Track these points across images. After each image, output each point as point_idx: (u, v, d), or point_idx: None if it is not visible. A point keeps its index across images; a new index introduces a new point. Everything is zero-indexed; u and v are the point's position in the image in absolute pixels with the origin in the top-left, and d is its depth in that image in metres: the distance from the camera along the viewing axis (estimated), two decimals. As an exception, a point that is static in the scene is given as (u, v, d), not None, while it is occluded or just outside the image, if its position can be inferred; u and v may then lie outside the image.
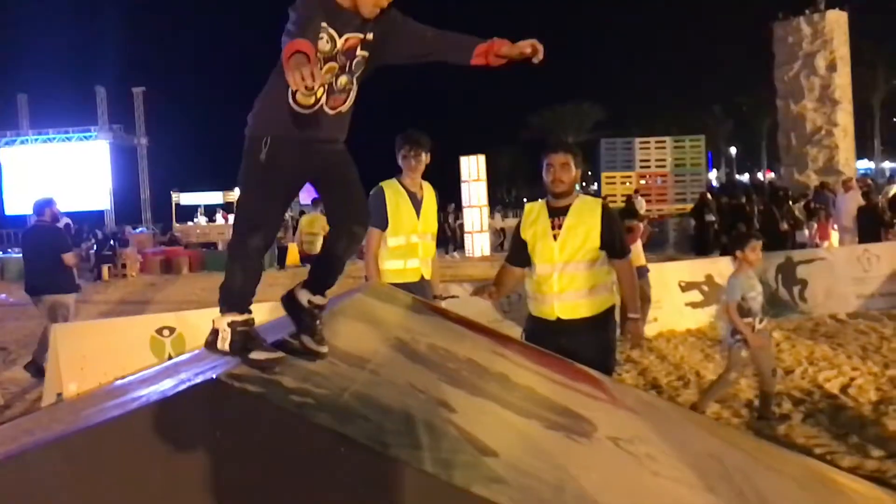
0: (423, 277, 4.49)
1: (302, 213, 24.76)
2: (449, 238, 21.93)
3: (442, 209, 22.15)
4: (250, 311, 2.29)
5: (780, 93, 22.14)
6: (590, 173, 48.03)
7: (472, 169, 22.35)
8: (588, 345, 3.69)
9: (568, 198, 3.80)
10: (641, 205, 19.14)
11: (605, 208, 3.85)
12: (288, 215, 31.56)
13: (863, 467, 4.49)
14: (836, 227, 13.28)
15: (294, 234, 21.75)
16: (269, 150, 2.26)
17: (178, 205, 38.37)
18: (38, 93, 39.34)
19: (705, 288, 9.22)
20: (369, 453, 1.90)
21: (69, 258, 7.83)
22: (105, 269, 19.80)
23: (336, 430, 1.92)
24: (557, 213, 3.79)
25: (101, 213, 35.52)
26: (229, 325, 2.24)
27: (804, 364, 6.91)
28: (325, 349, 2.31)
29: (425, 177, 4.69)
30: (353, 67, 2.29)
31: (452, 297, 8.01)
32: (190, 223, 34.29)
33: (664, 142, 22.44)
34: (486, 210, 22.33)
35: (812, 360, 7.04)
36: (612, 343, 3.93)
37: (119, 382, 3.10)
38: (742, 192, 20.03)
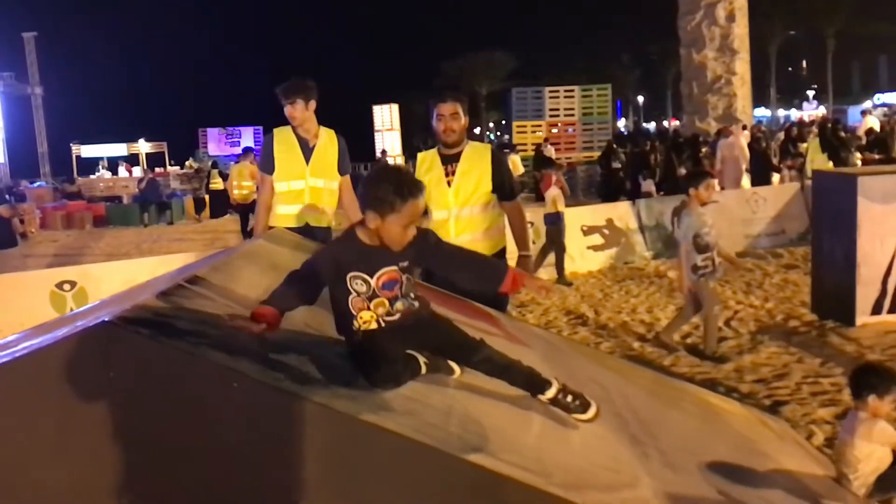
0: (307, 224, 4.39)
1: (214, 164, 24.20)
2: None
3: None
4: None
5: (684, 42, 22.76)
6: (503, 122, 48.40)
7: (385, 118, 22.27)
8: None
9: (459, 145, 3.92)
10: (551, 153, 19.55)
11: (494, 153, 4.00)
12: (197, 165, 30.68)
13: (738, 390, 4.92)
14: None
15: (208, 185, 21.30)
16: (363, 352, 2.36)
17: (79, 157, 36.63)
18: (-86, 37, 36.33)
19: (606, 231, 9.63)
20: (261, 387, 2.01)
21: (3, 210, 7.63)
22: (0, 225, 18.82)
23: (229, 366, 2.01)
24: (450, 161, 3.92)
25: (-8, 167, 33.51)
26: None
27: (694, 300, 7.37)
28: (591, 412, 2.50)
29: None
30: (402, 292, 2.35)
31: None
32: (93, 176, 32.85)
33: (573, 91, 22.79)
34: (400, 160, 22.31)
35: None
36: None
37: (14, 336, 3.08)
38: (646, 139, 20.71)
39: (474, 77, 56.89)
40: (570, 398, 2.50)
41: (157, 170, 32.11)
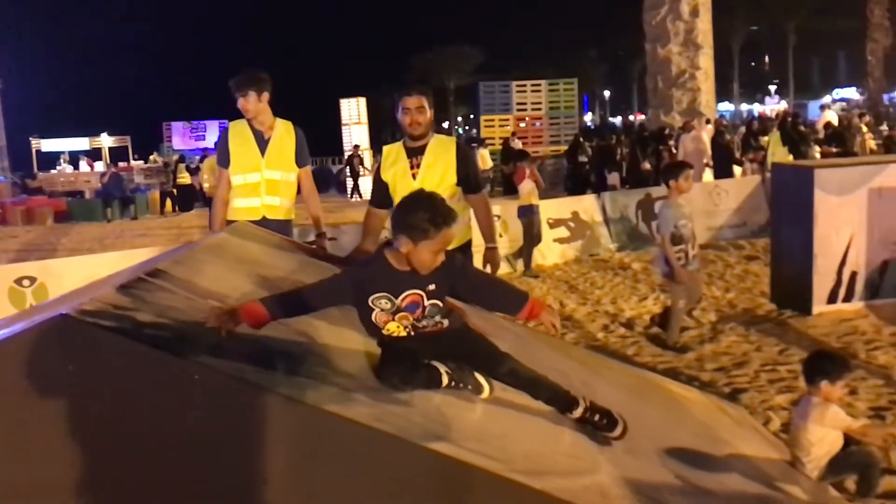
0: (264, 217, 4.39)
1: (181, 157, 23.92)
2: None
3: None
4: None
5: (649, 37, 22.96)
6: (472, 116, 48.42)
7: (353, 112, 22.08)
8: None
9: (424, 138, 3.93)
10: (518, 146, 19.62)
11: (459, 146, 4.01)
12: (161, 160, 30.24)
13: (699, 379, 5.02)
14: None
15: (174, 181, 21.08)
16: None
17: (38, 151, 35.86)
18: None
19: (572, 224, 9.72)
20: (223, 378, 2.02)
21: None
22: (-42, 221, 18.40)
23: (191, 358, 2.02)
24: (415, 153, 3.93)
25: (-52, 162, 32.61)
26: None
27: (657, 291, 7.50)
28: (618, 430, 2.58)
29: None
30: (426, 314, 2.46)
31: (331, 238, 8.08)
32: (53, 171, 32.21)
33: (540, 85, 22.82)
34: (368, 154, 22.19)
35: (665, 288, 7.64)
36: None
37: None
38: (612, 133, 20.92)
39: (443, 71, 56.84)
40: (597, 417, 2.58)
41: (121, 164, 31.58)
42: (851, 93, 51.43)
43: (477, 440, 2.26)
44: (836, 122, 17.35)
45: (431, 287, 2.44)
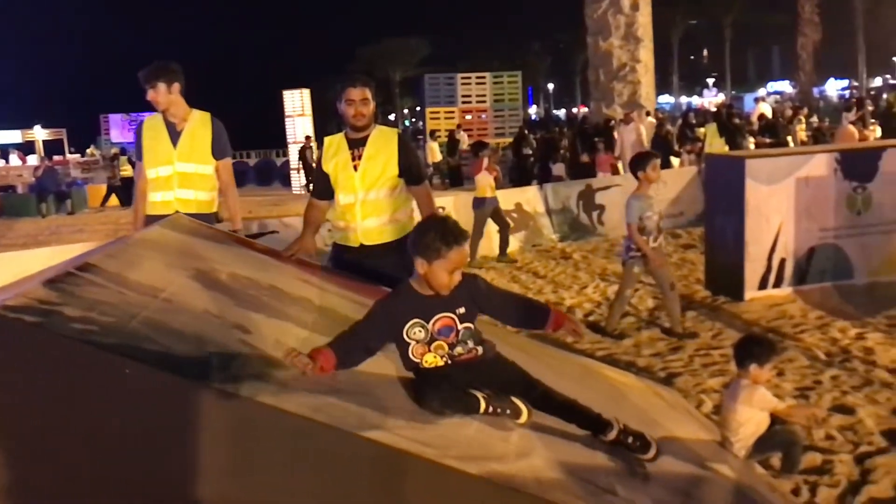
0: (178, 212, 4.27)
1: (123, 150, 23.30)
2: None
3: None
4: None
5: (591, 30, 23.24)
6: (418, 108, 48.32)
7: (297, 103, 21.80)
8: (389, 265, 3.82)
9: (367, 129, 3.92)
10: (464, 139, 19.72)
11: (401, 138, 4.00)
12: (99, 153, 29.40)
13: (635, 364, 5.16)
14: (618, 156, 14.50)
15: (119, 174, 20.51)
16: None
17: (-34, 145, 34.53)
18: None
19: (515, 215, 9.82)
20: (155, 372, 1.99)
21: None
22: None
23: (120, 352, 1.99)
24: (357, 145, 3.91)
25: None
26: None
27: (597, 280, 7.65)
28: (651, 452, 2.69)
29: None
30: (460, 338, 2.52)
31: (273, 232, 8.00)
32: (-18, 165, 31.06)
33: (484, 77, 23.01)
34: (314, 145, 21.98)
35: (604, 276, 7.81)
36: (411, 263, 4.16)
37: None
38: (556, 126, 21.14)
39: (388, 62, 56.54)
40: (630, 439, 2.67)
41: (56, 157, 30.61)
42: (785, 86, 53.09)
43: (414, 428, 2.28)
44: (769, 114, 17.90)
45: (461, 310, 2.51)
